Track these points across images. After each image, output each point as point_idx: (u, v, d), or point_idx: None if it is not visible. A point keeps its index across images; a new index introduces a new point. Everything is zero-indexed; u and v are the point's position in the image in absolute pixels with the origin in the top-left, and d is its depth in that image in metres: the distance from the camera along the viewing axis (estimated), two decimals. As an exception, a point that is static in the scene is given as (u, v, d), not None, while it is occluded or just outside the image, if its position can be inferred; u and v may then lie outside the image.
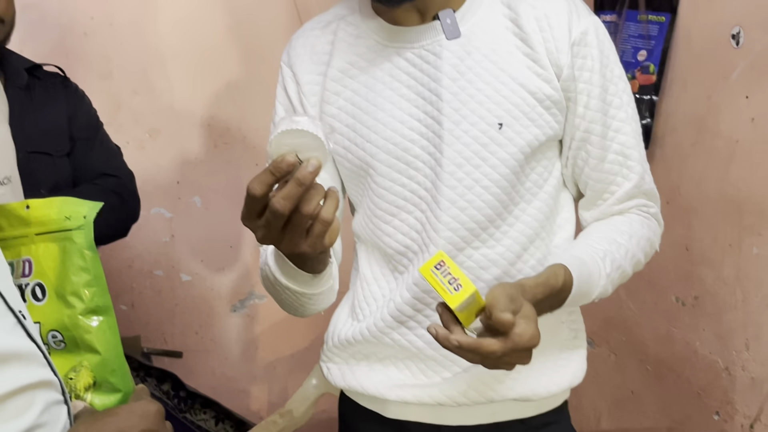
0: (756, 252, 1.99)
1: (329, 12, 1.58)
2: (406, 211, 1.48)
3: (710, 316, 2.14)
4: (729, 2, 2.00)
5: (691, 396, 2.21)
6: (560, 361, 1.54)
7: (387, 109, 1.46)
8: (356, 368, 1.59)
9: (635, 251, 1.49)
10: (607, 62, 1.47)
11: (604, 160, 1.48)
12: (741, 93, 1.99)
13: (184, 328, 3.15)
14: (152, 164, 2.94)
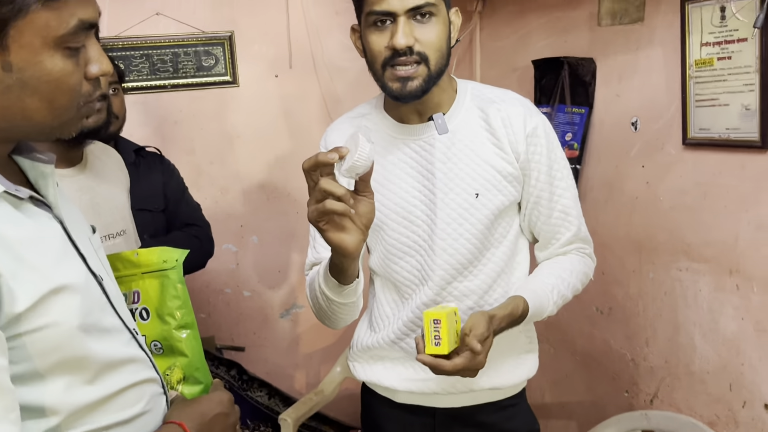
0: (651, 276, 2.00)
1: (355, 110, 1.57)
2: (409, 255, 1.47)
3: (620, 321, 2.13)
4: (629, 100, 2.02)
5: (607, 379, 2.20)
6: (520, 360, 1.54)
7: (396, 182, 1.45)
8: (374, 367, 1.57)
9: (575, 283, 1.49)
10: (552, 148, 1.47)
11: (551, 217, 1.48)
12: (638, 164, 2.01)
13: (245, 330, 3.10)
14: (223, 214, 2.93)
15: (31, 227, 0.87)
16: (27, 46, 0.81)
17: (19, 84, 0.82)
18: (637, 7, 1.95)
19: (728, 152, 1.72)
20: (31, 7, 0.80)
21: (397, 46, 1.30)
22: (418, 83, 1.34)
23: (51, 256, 0.88)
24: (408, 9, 1.30)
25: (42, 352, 0.84)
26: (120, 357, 0.96)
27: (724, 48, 1.69)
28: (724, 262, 1.76)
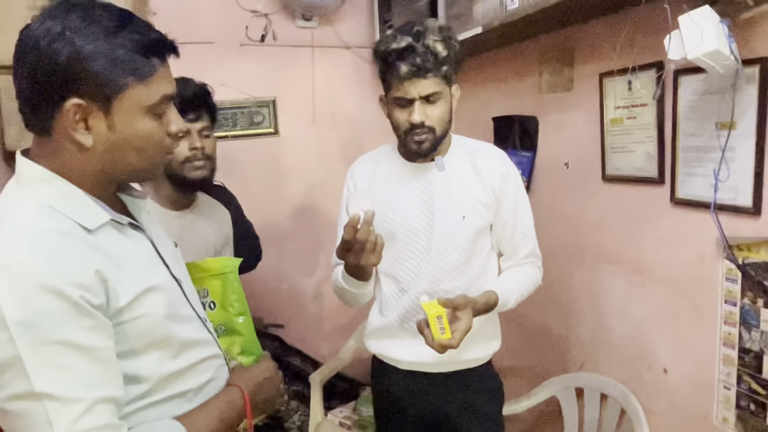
0: (581, 275, 1.97)
1: (373, 152, 1.58)
2: (411, 259, 1.47)
3: (557, 307, 2.10)
4: (563, 147, 2.01)
5: (549, 349, 2.16)
6: (489, 341, 1.55)
7: (404, 205, 1.46)
8: (383, 342, 1.56)
9: (529, 286, 1.51)
10: (518, 187, 1.49)
11: (513, 237, 1.49)
12: (571, 193, 1.99)
13: (285, 312, 3.05)
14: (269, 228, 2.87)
15: (129, 245, 0.91)
16: (126, 112, 0.85)
17: (120, 140, 0.86)
18: (568, 80, 1.94)
19: (635, 185, 1.71)
20: (129, 85, 0.84)
21: (415, 122, 1.34)
22: (428, 145, 1.38)
23: (144, 265, 0.91)
24: (421, 96, 1.33)
25: (138, 335, 0.86)
26: (194, 338, 0.97)
27: (631, 110, 1.68)
28: (633, 265, 1.75)
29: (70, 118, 0.82)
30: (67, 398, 0.75)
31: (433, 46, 1.30)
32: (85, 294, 0.77)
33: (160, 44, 0.88)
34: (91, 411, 0.76)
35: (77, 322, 0.76)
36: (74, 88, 0.81)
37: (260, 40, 2.81)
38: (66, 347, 0.75)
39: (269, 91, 2.88)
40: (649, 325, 1.71)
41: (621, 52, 1.66)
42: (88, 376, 0.77)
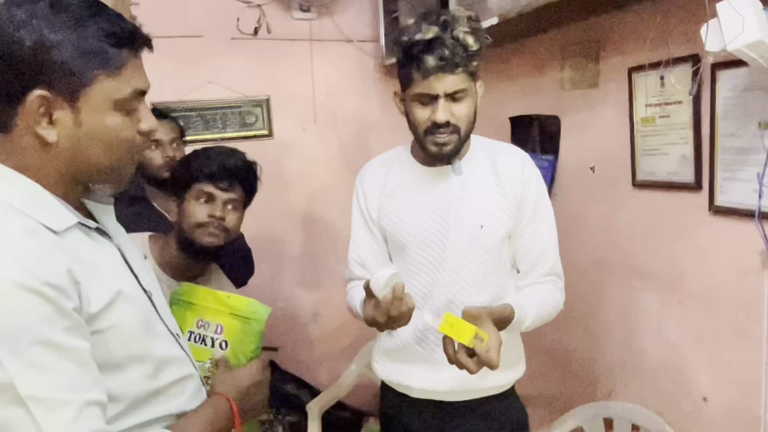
0: (609, 291, 1.96)
1: (385, 154, 1.57)
2: (423, 273, 1.45)
3: (583, 328, 2.09)
4: (588, 149, 2.01)
5: (574, 376, 2.15)
6: (512, 365, 1.53)
7: (416, 213, 1.45)
8: (393, 367, 1.54)
9: (549, 309, 1.46)
10: (540, 194, 1.46)
11: (531, 250, 1.46)
12: (597, 200, 1.99)
13: (279, 333, 3.04)
14: (262, 239, 2.88)
15: (98, 250, 0.92)
16: (93, 107, 0.86)
17: (86, 136, 0.87)
18: (593, 76, 1.94)
19: (669, 192, 1.70)
20: (98, 77, 0.85)
21: (439, 121, 1.32)
22: (451, 147, 1.37)
23: (113, 271, 0.93)
24: (447, 93, 1.31)
25: (114, 348, 0.87)
26: (168, 354, 0.98)
27: (664, 108, 1.68)
28: (668, 281, 1.73)
29: (34, 111, 0.83)
30: (54, 401, 0.76)
31: (463, 39, 1.28)
32: (59, 295, 0.78)
33: (133, 36, 0.89)
34: (81, 415, 0.78)
35: (56, 321, 0.77)
36: (39, 79, 0.82)
37: (253, 34, 2.83)
38: (47, 348, 0.76)
39: (263, 89, 2.89)
40: (686, 347, 1.69)
41: (652, 44, 1.66)
42: (73, 378, 0.78)
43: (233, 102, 2.86)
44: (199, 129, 2.82)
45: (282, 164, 2.97)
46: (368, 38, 2.99)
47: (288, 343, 3.09)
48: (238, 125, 2.89)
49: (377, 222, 1.51)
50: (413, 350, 1.48)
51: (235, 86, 2.84)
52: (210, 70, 2.80)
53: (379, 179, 1.52)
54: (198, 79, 2.79)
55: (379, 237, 1.53)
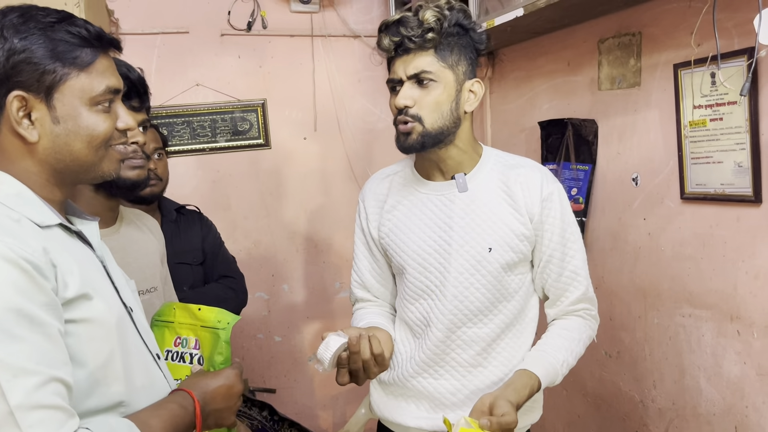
0: (656, 322, 1.97)
1: (391, 167, 1.60)
2: (422, 298, 1.47)
3: (628, 365, 2.09)
4: (629, 157, 2.03)
5: (618, 420, 2.15)
6: (527, 409, 1.50)
7: (416, 232, 1.47)
8: (389, 403, 1.55)
9: (580, 350, 1.48)
10: (565, 213, 1.47)
11: (561, 275, 1.47)
12: (640, 216, 2.00)
13: (276, 373, 3.09)
14: (256, 264, 2.96)
15: (80, 251, 1.06)
16: (69, 104, 1.02)
17: (65, 132, 1.02)
18: (634, 73, 1.96)
19: (724, 206, 1.71)
20: (70, 75, 1.01)
21: (397, 105, 1.39)
22: (414, 137, 1.39)
23: (92, 272, 1.05)
24: (409, 76, 1.38)
25: (86, 342, 0.98)
26: (144, 380, 1.09)
27: (715, 110, 1.69)
28: (724, 309, 1.73)
29: (14, 112, 0.99)
30: (19, 368, 0.86)
31: (422, 16, 1.37)
32: (36, 272, 0.91)
33: (99, 36, 1.05)
34: (46, 387, 0.87)
35: (31, 294, 0.90)
36: (14, 81, 0.99)
37: (246, 29, 2.90)
38: (20, 317, 0.88)
39: (257, 92, 2.95)
40: (748, 385, 1.68)
41: (702, 37, 1.68)
42: (42, 351, 0.89)
43: (224, 107, 2.91)
44: (185, 138, 2.87)
45: (280, 177, 3.02)
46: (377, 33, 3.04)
47: (287, 383, 3.12)
48: (230, 133, 2.94)
49: (378, 241, 1.54)
50: (410, 385, 1.50)
51: (226, 89, 2.90)
52: (197, 71, 2.86)
53: (380, 195, 1.55)
54: (184, 80, 2.85)
55: (381, 258, 1.56)
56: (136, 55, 2.79)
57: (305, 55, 3.00)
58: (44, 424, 0.86)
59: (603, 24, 2.06)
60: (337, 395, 3.14)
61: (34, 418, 0.86)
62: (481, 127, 2.80)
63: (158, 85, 2.81)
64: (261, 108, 2.96)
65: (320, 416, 3.13)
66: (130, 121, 1.09)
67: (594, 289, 2.08)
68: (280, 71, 2.98)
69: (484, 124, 2.76)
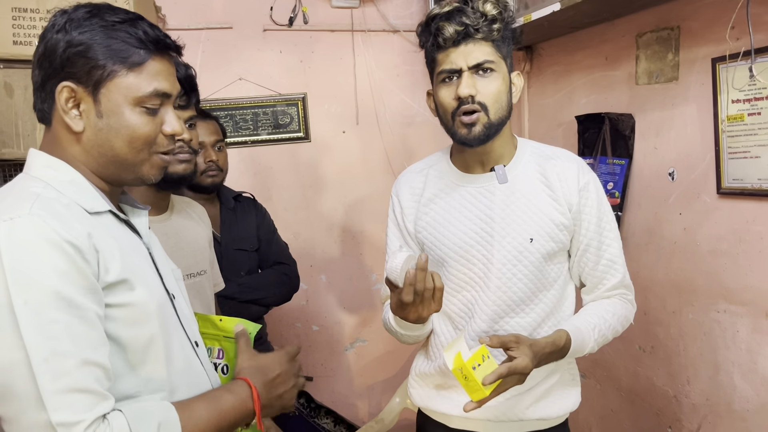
0: (691, 317, 1.97)
1: (423, 161, 1.63)
2: (465, 290, 1.50)
3: (662, 360, 2.10)
4: (666, 152, 2.03)
5: (651, 415, 2.16)
6: (565, 394, 1.55)
7: (456, 225, 1.50)
8: (430, 393, 1.59)
9: (615, 325, 1.50)
10: (602, 202, 1.50)
11: (598, 264, 1.50)
12: (676, 211, 2.00)
13: (314, 361, 3.17)
14: (295, 255, 2.93)
15: (126, 238, 1.10)
16: (114, 100, 1.05)
17: (107, 127, 1.05)
18: (672, 68, 1.96)
19: (761, 201, 1.71)
20: (118, 73, 1.04)
21: (462, 95, 1.38)
22: (480, 129, 1.40)
23: (137, 258, 1.09)
24: (471, 66, 1.39)
25: (126, 327, 1.01)
26: (182, 368, 1.11)
27: (753, 105, 1.69)
28: (761, 305, 1.73)
29: (62, 101, 1.04)
30: (52, 351, 0.90)
31: (482, 7, 1.40)
32: (78, 255, 0.95)
33: (156, 40, 1.07)
34: (79, 370, 0.91)
35: (72, 278, 0.93)
36: (67, 72, 1.04)
37: (288, 24, 2.95)
38: (58, 300, 0.92)
39: (298, 86, 3.01)
40: (782, 383, 1.68)
41: (739, 31, 1.67)
42: (77, 334, 0.92)
43: (266, 101, 2.98)
44: (228, 131, 2.94)
45: (320, 170, 3.08)
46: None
47: (324, 372, 3.18)
48: (271, 126, 3.01)
49: (414, 235, 1.57)
50: (449, 377, 1.53)
51: (268, 83, 2.97)
52: (240, 65, 2.94)
53: (416, 189, 1.58)
54: (227, 75, 2.93)
55: (417, 250, 1.59)
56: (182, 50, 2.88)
57: (345, 49, 3.05)
58: (72, 408, 0.89)
59: (641, 18, 2.06)
60: (372, 385, 3.19)
61: (62, 401, 0.89)
62: (519, 122, 2.81)
63: (203, 80, 2.86)
64: (301, 102, 3.02)
65: (356, 405, 3.19)
66: (177, 127, 1.10)
67: (629, 284, 2.09)
68: (321, 66, 3.04)
69: (521, 119, 2.78)
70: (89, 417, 0.90)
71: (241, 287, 2.15)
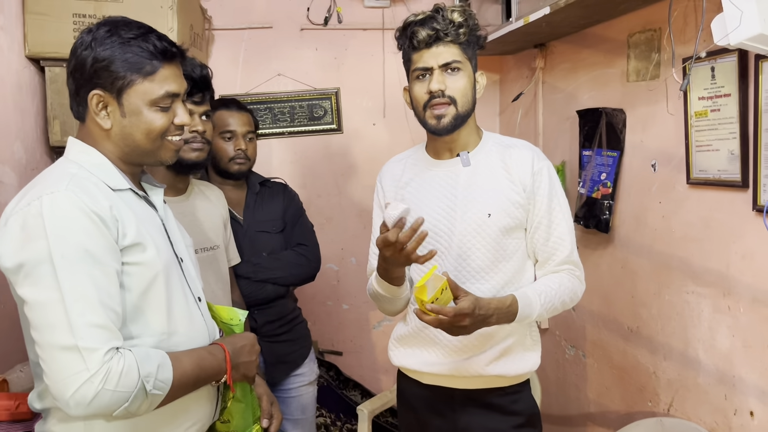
0: (667, 299, 2.14)
1: (404, 152, 1.93)
2: (432, 259, 1.66)
3: (646, 339, 2.27)
4: (650, 145, 2.20)
5: (636, 391, 2.33)
6: (525, 356, 1.78)
7: (426, 203, 1.77)
8: (405, 353, 1.85)
9: (562, 295, 1.71)
10: (553, 185, 1.74)
11: (548, 240, 1.73)
12: (657, 200, 2.18)
13: (343, 338, 3.46)
14: (327, 239, 3.27)
15: (143, 210, 1.40)
16: (133, 103, 1.35)
17: (129, 124, 1.35)
18: (655, 66, 2.14)
19: (720, 190, 1.88)
20: (136, 81, 1.34)
21: (433, 89, 1.67)
22: (448, 120, 1.68)
23: (151, 227, 1.37)
24: (441, 64, 1.67)
25: (137, 284, 1.30)
26: (187, 325, 1.41)
27: (715, 101, 1.86)
28: (719, 287, 1.90)
29: (93, 105, 1.34)
30: (81, 294, 1.18)
31: (450, 15, 1.66)
32: (102, 222, 1.24)
33: (165, 51, 1.36)
34: (101, 311, 1.19)
35: (97, 239, 1.23)
36: (96, 82, 1.34)
37: (323, 24, 3.25)
38: (86, 255, 1.21)
39: (332, 81, 3.31)
40: (736, 358, 1.85)
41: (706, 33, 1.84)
42: (100, 283, 1.21)
43: (301, 95, 3.30)
44: (267, 122, 3.27)
45: (351, 160, 3.37)
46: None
47: (353, 348, 3.47)
48: (307, 118, 3.31)
49: None
50: (423, 335, 1.79)
51: (304, 78, 3.28)
52: (279, 62, 3.26)
53: (396, 175, 1.87)
54: (267, 71, 3.26)
55: None
56: (226, 48, 3.23)
57: (376, 47, 3.32)
58: (93, 338, 1.18)
59: (632, 20, 2.25)
60: (397, 361, 3.46)
61: (86, 332, 1.18)
62: (534, 116, 3.01)
63: (244, 75, 3.25)
64: (335, 96, 3.32)
65: (382, 380, 3.46)
66: (185, 119, 1.40)
67: (619, 268, 2.31)
68: (353, 62, 3.33)
69: (536, 113, 2.97)
70: (105, 347, 1.19)
71: (255, 267, 2.34)
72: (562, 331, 2.86)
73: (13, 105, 2.26)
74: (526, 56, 3.11)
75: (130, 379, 1.20)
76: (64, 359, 1.18)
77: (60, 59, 2.36)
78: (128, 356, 1.21)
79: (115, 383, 1.18)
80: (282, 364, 2.44)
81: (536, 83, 2.95)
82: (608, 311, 2.49)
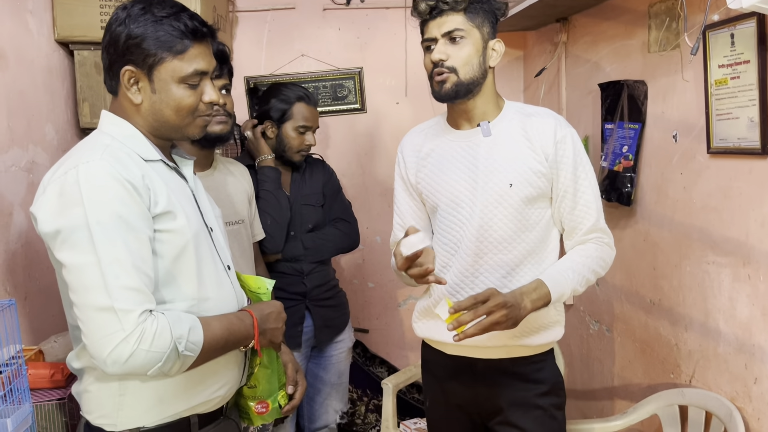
0: (688, 270, 2.15)
1: (425, 123, 1.95)
2: (453, 230, 1.80)
3: (667, 310, 2.29)
4: (671, 116, 2.21)
5: (658, 363, 2.35)
6: (548, 327, 1.81)
7: (448, 173, 1.80)
8: (428, 324, 1.90)
9: (591, 265, 1.75)
10: (578, 153, 1.76)
11: (575, 209, 1.76)
12: (678, 171, 2.18)
13: (369, 315, 3.52)
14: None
15: (174, 180, 1.46)
16: (163, 80, 1.40)
17: (159, 100, 1.41)
18: (675, 36, 2.14)
19: (740, 159, 1.88)
20: (166, 59, 1.39)
21: (433, 59, 1.71)
22: (449, 86, 1.71)
23: (181, 197, 1.43)
24: (443, 34, 1.70)
25: (169, 251, 1.36)
26: (215, 290, 1.46)
27: (734, 69, 1.86)
28: (739, 256, 1.91)
29: (125, 81, 1.39)
30: (116, 258, 1.25)
31: None
32: (134, 190, 1.30)
33: (195, 30, 1.40)
34: (135, 274, 1.26)
35: (130, 205, 1.29)
36: (128, 59, 1.39)
37: (345, 3, 3.29)
38: (120, 221, 1.27)
39: (355, 61, 3.35)
40: (756, 327, 1.86)
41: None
42: (133, 248, 1.27)
43: (325, 75, 3.35)
44: (291, 103, 3.32)
45: (375, 139, 3.42)
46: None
47: (379, 326, 3.53)
48: (331, 98, 3.36)
49: (415, 186, 1.88)
50: None
51: (327, 58, 3.33)
52: (302, 43, 3.31)
53: (416, 146, 1.90)
54: (290, 51, 3.31)
55: (419, 200, 1.90)
56: (250, 29, 3.29)
57: (398, 26, 3.35)
58: (128, 300, 1.25)
59: (652, -11, 2.24)
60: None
61: (121, 294, 1.25)
62: (557, 91, 3.02)
63: (268, 56, 3.31)
64: (358, 76, 3.36)
65: (408, 356, 3.51)
66: (214, 96, 1.45)
67: (641, 241, 2.32)
68: (376, 41, 3.36)
69: (559, 87, 2.98)
70: (140, 309, 1.26)
71: (306, 251, 2.54)
72: (587, 307, 2.88)
73: (44, 88, 2.35)
74: (548, 31, 3.11)
75: (164, 339, 1.27)
76: (101, 319, 1.25)
77: (88, 42, 2.44)
78: (161, 318, 1.28)
79: (149, 343, 1.25)
80: (327, 327, 2.63)
81: (558, 58, 2.95)
82: (630, 285, 2.50)
